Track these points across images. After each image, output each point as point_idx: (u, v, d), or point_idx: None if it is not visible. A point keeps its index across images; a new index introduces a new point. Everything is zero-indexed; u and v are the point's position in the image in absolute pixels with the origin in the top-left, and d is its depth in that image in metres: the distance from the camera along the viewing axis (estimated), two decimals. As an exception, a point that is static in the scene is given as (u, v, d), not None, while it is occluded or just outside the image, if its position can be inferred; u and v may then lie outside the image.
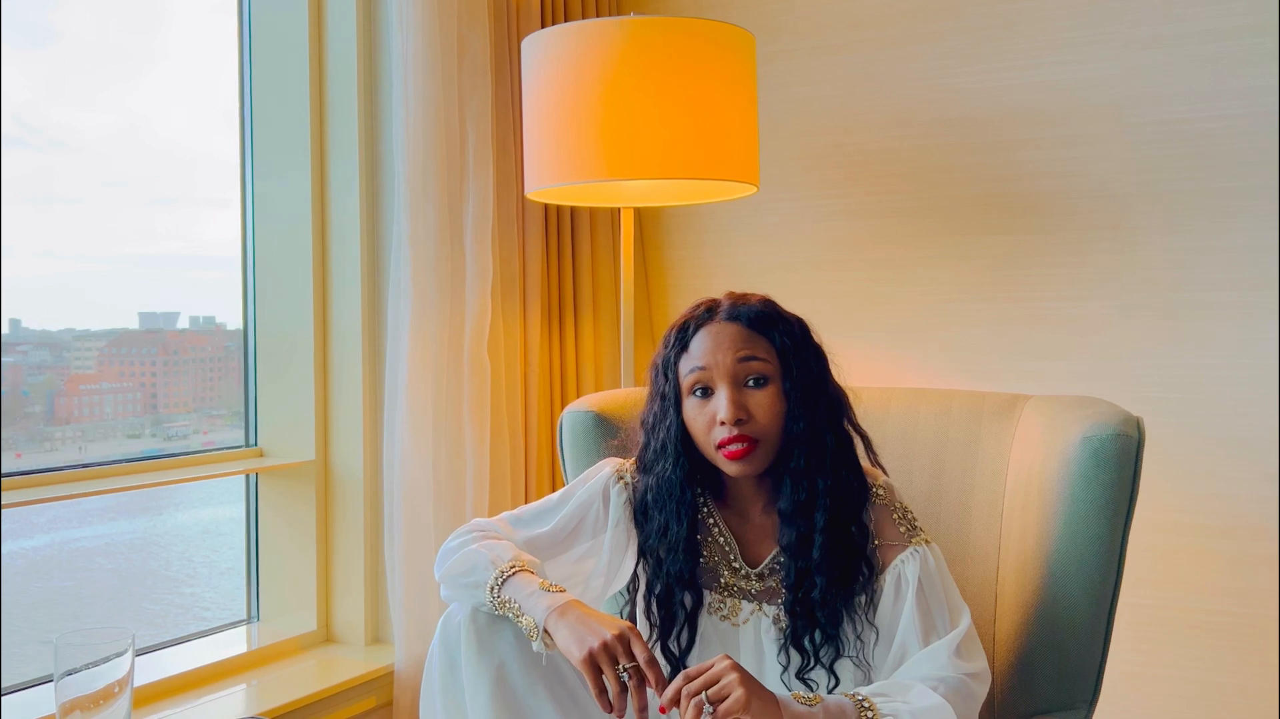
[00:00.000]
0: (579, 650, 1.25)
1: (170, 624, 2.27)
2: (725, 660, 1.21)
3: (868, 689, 1.28)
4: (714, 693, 1.19)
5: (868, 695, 1.26)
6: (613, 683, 1.24)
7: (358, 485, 2.23)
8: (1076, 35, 2.16)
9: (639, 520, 1.47)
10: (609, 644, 1.24)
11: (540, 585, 1.32)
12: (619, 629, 1.26)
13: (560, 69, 1.87)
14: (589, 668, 1.25)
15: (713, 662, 1.22)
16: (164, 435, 2.27)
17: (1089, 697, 1.50)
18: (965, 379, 2.26)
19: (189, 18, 2.32)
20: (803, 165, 2.44)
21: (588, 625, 1.26)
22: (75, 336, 2.19)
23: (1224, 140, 2.05)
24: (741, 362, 1.38)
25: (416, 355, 2.06)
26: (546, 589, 1.32)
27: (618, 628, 1.26)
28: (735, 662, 1.22)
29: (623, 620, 1.29)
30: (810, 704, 1.23)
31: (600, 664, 1.24)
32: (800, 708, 1.22)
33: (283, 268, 2.27)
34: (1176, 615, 2.10)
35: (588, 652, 1.24)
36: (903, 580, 1.37)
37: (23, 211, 1.96)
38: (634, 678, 1.24)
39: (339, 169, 2.23)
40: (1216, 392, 2.07)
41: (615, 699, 1.24)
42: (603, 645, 1.24)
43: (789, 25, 2.44)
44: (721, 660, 1.22)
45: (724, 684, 1.19)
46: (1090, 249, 2.17)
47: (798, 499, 1.38)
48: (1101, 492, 1.45)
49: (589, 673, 1.25)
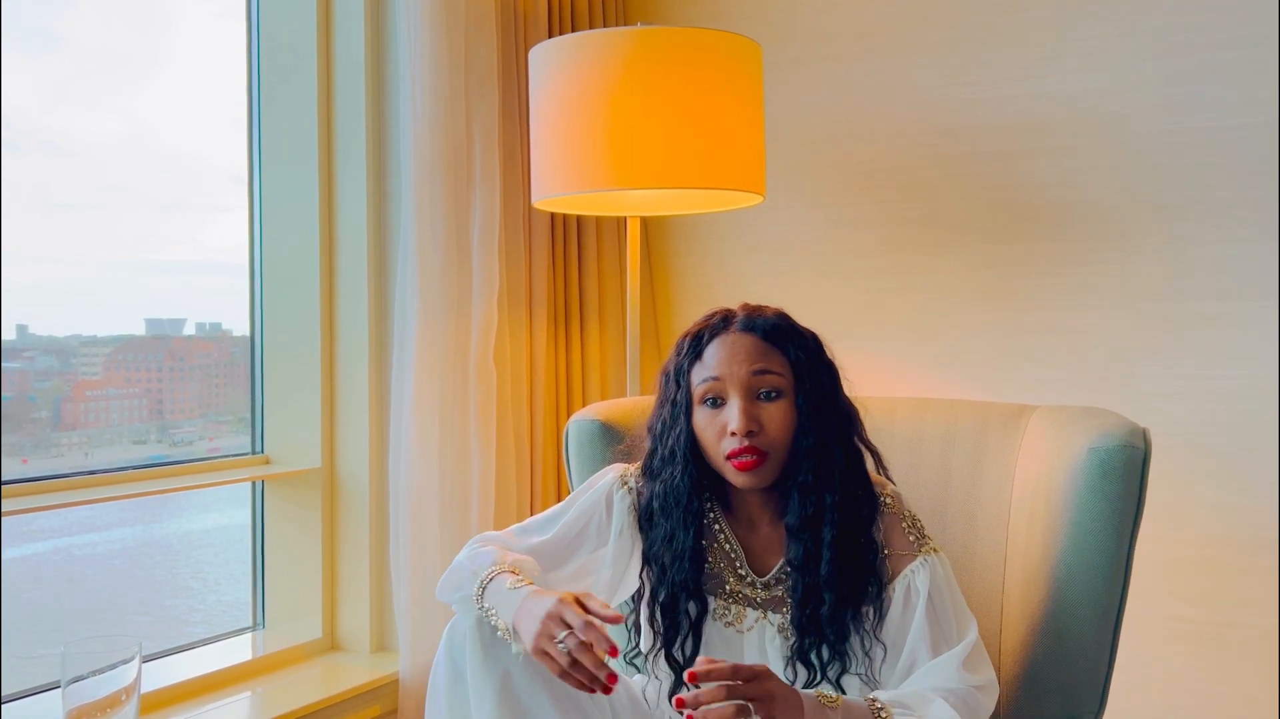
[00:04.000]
0: (529, 643, 1.25)
1: (176, 631, 2.27)
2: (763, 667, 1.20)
3: (886, 696, 1.28)
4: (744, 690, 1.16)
5: (886, 704, 1.26)
6: (558, 662, 1.21)
7: (363, 493, 2.23)
8: (1081, 46, 2.16)
9: (643, 527, 1.47)
10: (545, 624, 1.23)
11: (509, 585, 1.31)
12: (548, 608, 1.23)
13: (567, 79, 1.87)
14: (540, 656, 1.24)
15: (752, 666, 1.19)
16: (170, 442, 2.28)
17: (1095, 708, 1.50)
18: (970, 387, 2.26)
19: (195, 24, 2.33)
20: (809, 174, 2.44)
21: (531, 616, 1.25)
22: (82, 342, 2.20)
23: (1227, 150, 2.05)
24: (756, 374, 1.38)
25: (423, 363, 2.06)
26: (514, 588, 1.30)
27: (546, 608, 1.24)
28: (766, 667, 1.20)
29: (557, 591, 1.27)
30: (832, 704, 1.23)
31: (544, 649, 1.23)
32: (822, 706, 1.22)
33: (289, 275, 2.27)
34: (1183, 626, 2.10)
35: (534, 641, 1.24)
36: (913, 590, 1.37)
37: (29, 217, 1.96)
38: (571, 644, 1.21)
39: (346, 176, 2.24)
40: (1218, 401, 2.06)
41: (565, 676, 1.22)
42: (541, 629, 1.23)
43: (795, 35, 2.45)
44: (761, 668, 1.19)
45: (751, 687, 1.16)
46: (1094, 258, 2.17)
47: (805, 514, 1.38)
48: (1108, 503, 1.45)
49: (542, 661, 1.23)
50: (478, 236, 2.13)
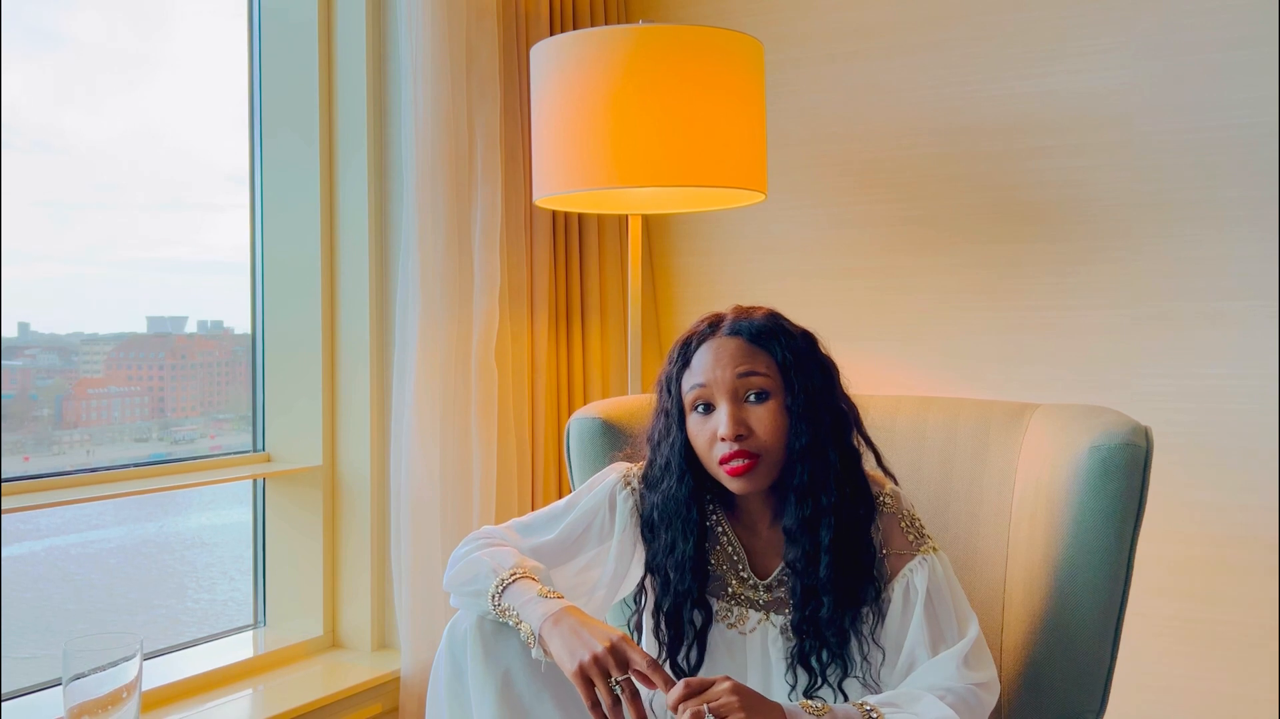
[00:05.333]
0: (570, 663, 1.24)
1: (177, 629, 2.27)
2: (726, 681, 1.20)
3: (876, 699, 1.27)
4: (715, 708, 1.17)
5: (876, 705, 1.25)
6: (605, 696, 1.23)
7: (365, 491, 2.23)
8: (1084, 45, 2.16)
9: (646, 536, 1.47)
10: (600, 657, 1.23)
11: (538, 592, 1.32)
12: (611, 641, 1.24)
13: (569, 76, 1.87)
14: (580, 681, 1.24)
15: (713, 679, 1.21)
16: (171, 439, 2.28)
17: (1097, 706, 1.50)
18: (972, 387, 2.26)
19: (197, 23, 2.33)
20: (811, 173, 2.44)
21: (580, 637, 1.25)
22: (83, 340, 2.20)
23: (1229, 150, 2.05)
24: (741, 377, 1.37)
25: (424, 361, 2.06)
26: (544, 596, 1.31)
27: (609, 639, 1.24)
28: (736, 682, 1.21)
29: (616, 630, 1.27)
30: (819, 714, 1.22)
31: (591, 677, 1.23)
32: (808, 717, 1.22)
33: (291, 273, 2.28)
34: (1183, 625, 2.10)
35: (578, 664, 1.23)
36: (911, 589, 1.36)
37: (31, 216, 1.96)
38: (626, 690, 1.23)
39: (348, 175, 2.24)
40: (1221, 401, 2.06)
41: (609, 712, 1.23)
42: (594, 658, 1.23)
43: (798, 34, 2.44)
44: (723, 681, 1.20)
45: (723, 703, 1.18)
46: (1097, 258, 2.16)
47: (802, 515, 1.37)
48: (1110, 501, 1.44)
49: (580, 685, 1.24)
50: (479, 234, 2.13)
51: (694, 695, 1.19)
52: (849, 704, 1.26)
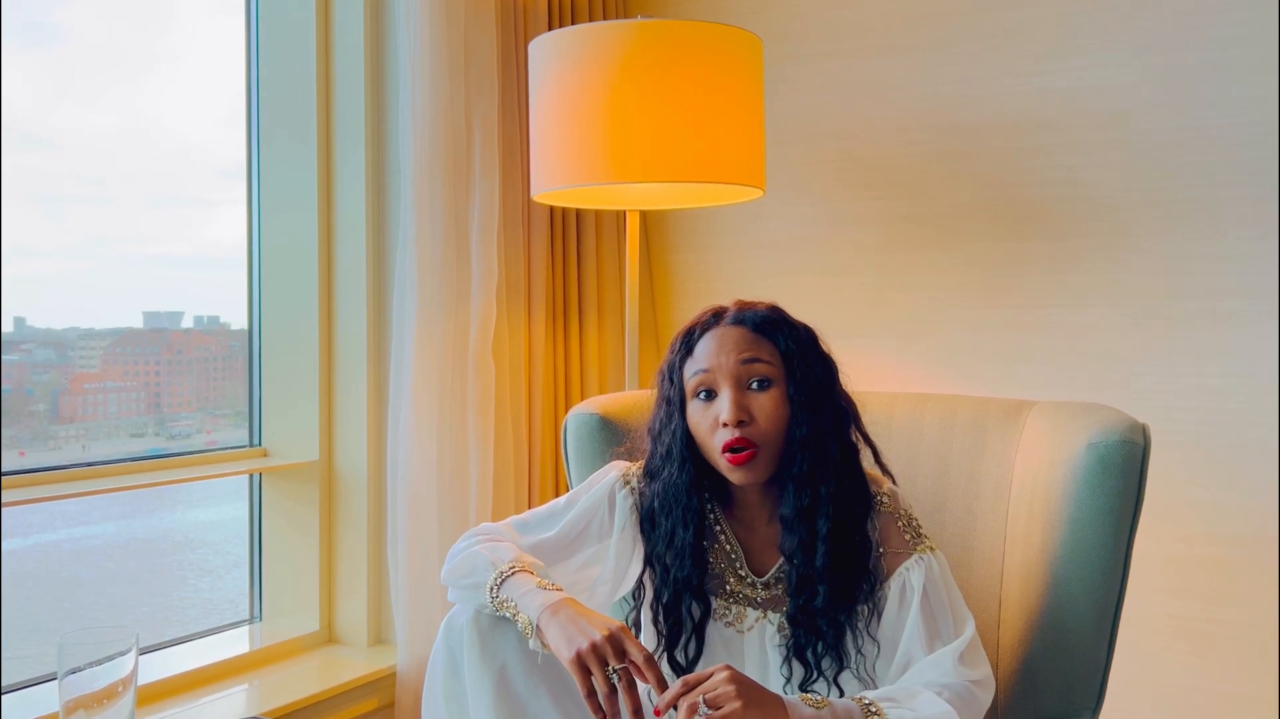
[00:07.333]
0: (568, 650, 1.24)
1: (173, 624, 2.27)
2: (725, 670, 1.20)
3: (875, 694, 1.27)
4: (711, 698, 1.18)
5: (875, 700, 1.25)
6: (601, 684, 1.22)
7: (361, 486, 2.23)
8: (1082, 43, 2.16)
9: (645, 529, 1.46)
10: (598, 645, 1.23)
11: (537, 584, 1.32)
12: (609, 630, 1.24)
13: (567, 72, 1.87)
14: (577, 669, 1.23)
15: (711, 670, 1.21)
16: (167, 435, 2.27)
17: (1093, 704, 1.50)
18: (969, 384, 2.26)
19: (194, 18, 2.32)
20: (809, 170, 2.44)
21: (578, 625, 1.25)
22: (80, 335, 2.19)
23: (1227, 149, 2.05)
24: (745, 363, 1.37)
25: (421, 356, 2.06)
26: (542, 588, 1.31)
27: (608, 628, 1.24)
28: (735, 671, 1.21)
29: (615, 620, 1.27)
30: (818, 707, 1.22)
31: (589, 665, 1.23)
32: (808, 710, 1.21)
33: (288, 268, 2.27)
34: (1182, 624, 2.10)
35: (575, 652, 1.23)
36: (908, 588, 1.36)
37: (28, 210, 1.96)
38: (624, 679, 1.23)
39: (345, 170, 2.23)
40: (1220, 400, 2.06)
41: (605, 701, 1.23)
42: (591, 646, 1.23)
43: (796, 30, 2.44)
44: (721, 670, 1.20)
45: (720, 693, 1.18)
46: (1095, 256, 2.16)
47: (800, 504, 1.37)
48: (1106, 498, 1.44)
49: (577, 674, 1.24)
50: (477, 230, 2.13)
51: (691, 691, 1.19)
52: (847, 699, 1.26)
